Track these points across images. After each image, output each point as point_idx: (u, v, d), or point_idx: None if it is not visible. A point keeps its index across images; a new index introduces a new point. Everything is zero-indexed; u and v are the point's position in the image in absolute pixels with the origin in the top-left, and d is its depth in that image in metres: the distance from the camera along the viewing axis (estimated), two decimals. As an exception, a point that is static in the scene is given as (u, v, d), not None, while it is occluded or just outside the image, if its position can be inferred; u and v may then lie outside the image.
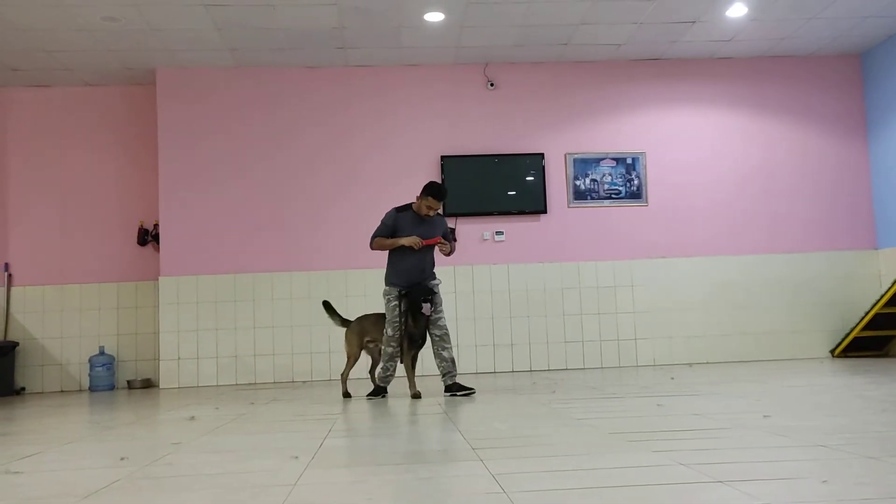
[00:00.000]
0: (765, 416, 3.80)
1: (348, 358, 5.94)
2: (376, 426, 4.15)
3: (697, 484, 2.37)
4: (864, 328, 7.86)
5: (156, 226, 8.17)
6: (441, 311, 5.67)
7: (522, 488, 2.39)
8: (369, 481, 2.64)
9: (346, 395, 5.92)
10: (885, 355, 8.17)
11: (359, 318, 6.00)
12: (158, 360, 7.92)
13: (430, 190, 5.67)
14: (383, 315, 5.78)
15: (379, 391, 5.75)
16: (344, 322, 6.05)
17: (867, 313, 7.76)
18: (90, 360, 7.91)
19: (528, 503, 2.17)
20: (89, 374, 7.90)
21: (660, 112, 8.49)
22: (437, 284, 5.78)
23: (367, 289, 8.00)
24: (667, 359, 8.18)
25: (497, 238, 8.20)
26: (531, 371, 7.99)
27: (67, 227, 8.28)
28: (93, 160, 8.37)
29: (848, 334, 8.02)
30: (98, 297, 8.19)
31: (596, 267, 8.25)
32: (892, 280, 7.84)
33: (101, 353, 7.96)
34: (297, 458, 3.11)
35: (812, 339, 8.29)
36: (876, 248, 8.47)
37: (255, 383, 7.82)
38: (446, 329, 5.65)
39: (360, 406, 5.21)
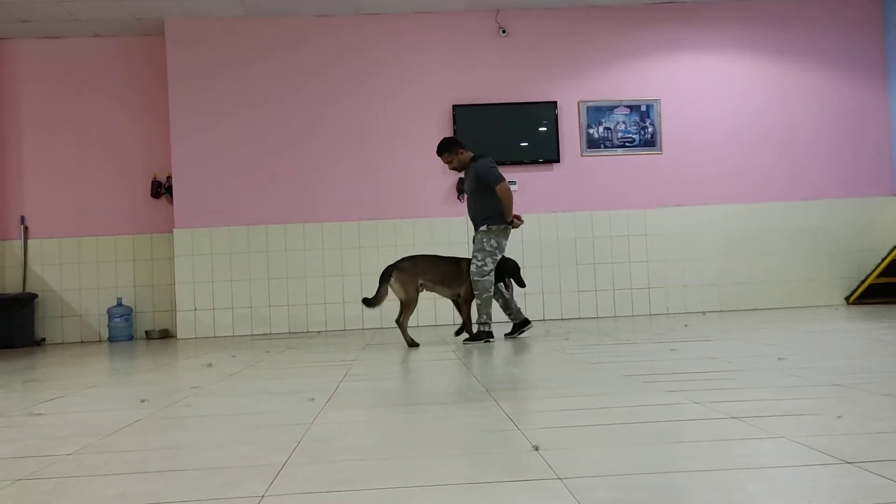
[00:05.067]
0: (779, 359, 3.80)
1: (406, 304, 5.46)
2: (391, 371, 4.19)
3: (712, 420, 2.38)
4: (881, 275, 7.83)
5: (169, 178, 8.18)
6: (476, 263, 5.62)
7: (536, 425, 2.42)
8: (384, 420, 2.68)
9: (413, 343, 5.44)
10: (901, 302, 8.14)
11: (409, 260, 5.59)
12: (175, 311, 8.00)
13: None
14: (437, 257, 5.77)
15: (524, 323, 5.77)
16: (382, 284, 5.46)
17: (883, 260, 7.71)
18: (108, 312, 8.01)
19: (540, 439, 2.19)
20: (108, 325, 8.01)
21: (675, 58, 8.36)
22: (482, 230, 5.68)
23: (379, 239, 8.03)
24: (680, 307, 8.18)
25: (510, 188, 8.14)
26: (544, 320, 8.02)
27: (81, 180, 8.31)
28: (105, 113, 8.36)
29: (863, 281, 7.98)
30: (114, 249, 8.25)
31: (609, 216, 8.21)
32: (909, 226, 7.77)
33: (119, 304, 8.05)
34: (313, 399, 3.15)
35: (827, 287, 8.26)
36: (894, 195, 8.37)
37: (271, 333, 7.90)
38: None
39: (381, 353, 5.25)
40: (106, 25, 8.08)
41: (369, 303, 5.56)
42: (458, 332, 5.85)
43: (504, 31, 8.25)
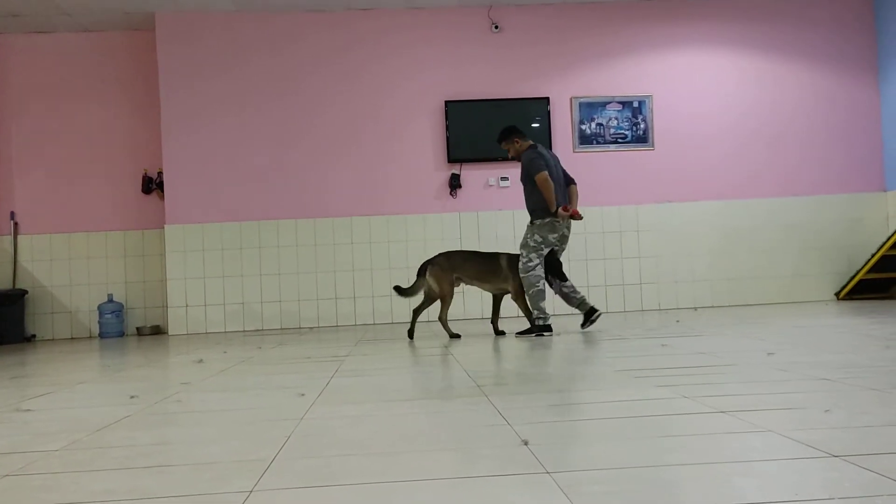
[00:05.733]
0: (769, 354, 3.81)
1: (443, 298, 5.60)
2: (382, 367, 4.19)
3: (701, 414, 2.39)
4: (870, 270, 7.86)
5: (160, 174, 8.15)
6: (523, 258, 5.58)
7: (526, 420, 2.42)
8: (375, 416, 2.67)
9: (454, 335, 5.60)
10: (891, 297, 8.18)
11: (445, 255, 5.71)
12: (167, 307, 7.98)
13: None
14: (474, 252, 5.77)
15: (592, 311, 5.60)
16: (419, 278, 5.69)
17: (873, 255, 7.75)
18: (99, 308, 7.98)
19: (530, 433, 2.19)
20: (99, 322, 7.98)
21: (667, 54, 8.37)
22: (528, 226, 5.66)
23: (371, 235, 8.02)
24: (672, 303, 8.20)
25: (502, 184, 8.16)
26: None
27: (72, 175, 8.27)
28: (95, 107, 8.32)
29: (853, 276, 8.01)
30: (105, 245, 8.22)
31: (601, 212, 8.22)
32: (899, 222, 7.80)
33: (110, 300, 8.02)
34: (303, 395, 3.15)
35: (818, 283, 8.29)
36: (885, 191, 8.40)
37: (263, 329, 7.89)
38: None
39: (373, 349, 5.25)
40: (96, 20, 8.04)
41: (402, 292, 5.79)
42: (519, 333, 5.58)
43: (496, 27, 8.25)
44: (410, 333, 5.77)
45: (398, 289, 5.86)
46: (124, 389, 3.68)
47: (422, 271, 5.68)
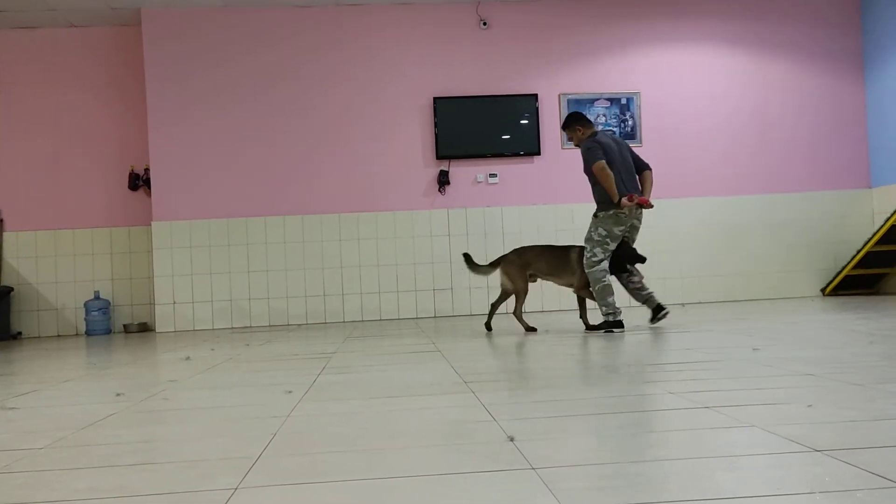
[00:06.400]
0: (755, 349, 3.84)
1: (517, 294, 5.56)
2: (370, 364, 4.19)
3: (686, 410, 2.40)
4: (856, 266, 7.91)
5: (146, 170, 8.11)
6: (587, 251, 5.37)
7: (512, 416, 2.43)
8: (362, 412, 2.67)
9: (530, 328, 5.57)
10: (876, 293, 8.24)
11: (518, 250, 5.66)
12: (154, 304, 7.95)
13: None
14: (547, 247, 5.65)
15: (660, 308, 5.42)
16: (490, 267, 5.69)
17: (859, 251, 7.80)
18: (86, 305, 7.94)
19: (516, 430, 2.20)
20: (85, 319, 7.94)
21: (655, 51, 8.39)
22: (593, 219, 5.42)
23: (360, 232, 8.01)
24: (660, 299, 8.21)
25: (491, 181, 8.16)
26: (524, 312, 8.02)
27: (58, 171, 8.21)
28: (81, 104, 8.27)
29: (839, 273, 8.07)
30: (91, 242, 8.17)
31: (590, 209, 8.20)
32: (884, 218, 7.85)
33: (97, 297, 7.98)
34: (290, 392, 3.14)
35: (804, 279, 8.35)
36: (870, 187, 8.46)
37: (251, 326, 7.87)
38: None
39: (361, 345, 5.25)
40: (81, 15, 7.98)
41: (470, 263, 5.78)
42: (590, 327, 5.43)
43: (485, 24, 8.24)
44: (488, 326, 5.76)
45: (467, 257, 5.82)
46: (110, 387, 3.66)
47: (495, 263, 5.67)
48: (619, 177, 5.29)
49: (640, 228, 5.54)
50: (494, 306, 5.81)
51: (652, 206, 5.40)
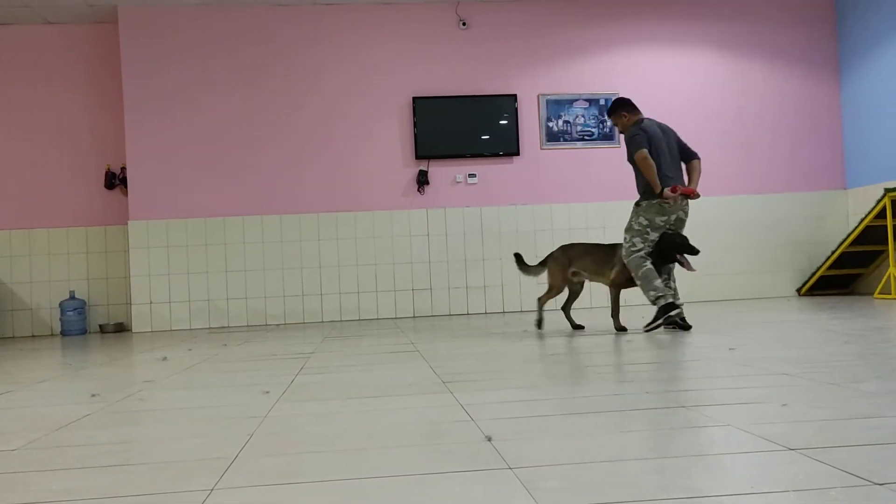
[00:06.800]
0: (731, 349, 3.87)
1: (550, 288, 5.48)
2: (348, 364, 4.18)
3: (662, 409, 2.42)
4: (831, 267, 8.01)
5: (123, 169, 8.03)
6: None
7: (490, 416, 2.43)
8: (340, 412, 2.67)
9: (539, 322, 5.50)
10: (851, 293, 8.35)
11: (563, 247, 5.52)
12: (130, 304, 7.88)
13: None
14: (592, 245, 5.47)
15: (670, 307, 4.94)
16: (540, 266, 5.57)
17: (834, 252, 7.90)
18: (61, 305, 7.85)
19: (493, 429, 2.21)
20: (60, 319, 7.85)
21: (632, 52, 8.44)
22: (633, 208, 5.22)
23: (339, 231, 7.99)
24: (638, 299, 8.24)
25: (470, 181, 8.17)
26: (504, 312, 8.07)
27: (33, 170, 8.11)
28: (57, 101, 8.17)
29: (814, 273, 8.16)
30: (67, 241, 8.08)
31: (568, 209, 8.27)
32: (859, 219, 7.95)
33: (72, 297, 7.89)
34: (268, 392, 3.13)
35: (780, 279, 8.44)
36: (845, 189, 8.57)
37: (229, 326, 7.82)
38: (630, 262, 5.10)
39: (340, 345, 5.23)
40: (57, 12, 7.89)
41: (521, 264, 5.65)
42: (646, 327, 5.09)
43: (464, 24, 8.25)
44: (574, 325, 5.55)
45: (518, 257, 5.69)
46: (86, 388, 3.62)
47: (544, 262, 5.56)
48: (663, 166, 5.08)
49: (686, 221, 5.25)
50: (566, 310, 5.64)
51: (699, 196, 5.16)
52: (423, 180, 8.07)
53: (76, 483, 1.87)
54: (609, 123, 8.32)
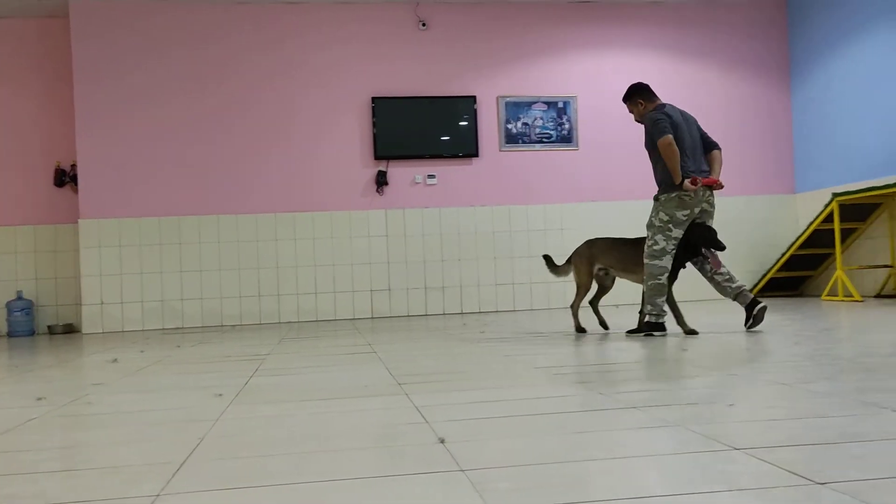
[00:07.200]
0: (683, 350, 3.93)
1: (578, 288, 5.21)
2: (304, 366, 4.15)
3: (614, 410, 2.45)
4: (781, 269, 8.19)
5: (73, 166, 7.87)
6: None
7: (444, 418, 2.43)
8: (294, 415, 2.65)
9: (580, 329, 5.18)
10: (800, 295, 8.54)
11: (587, 242, 5.27)
12: (80, 304, 7.71)
13: None
14: (618, 240, 5.17)
15: (755, 304, 4.76)
16: (567, 264, 5.32)
17: (784, 255, 8.08)
18: (8, 305, 7.65)
19: (446, 431, 2.21)
20: (7, 320, 7.65)
21: (590, 56, 8.53)
22: (654, 203, 4.94)
23: (296, 232, 7.93)
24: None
25: (429, 181, 8.18)
26: (462, 313, 8.08)
27: (-21, 167, 7.90)
28: (5, 96, 7.97)
29: (765, 275, 8.34)
30: (14, 240, 7.88)
31: (527, 211, 8.32)
32: (808, 223, 8.14)
33: (19, 297, 7.71)
34: (220, 395, 3.09)
35: (732, 281, 8.58)
36: (794, 193, 8.77)
37: (183, 327, 7.70)
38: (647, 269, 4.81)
39: (296, 347, 5.19)
40: (6, 6, 7.69)
41: (550, 265, 5.46)
42: (688, 331, 4.80)
43: (424, 25, 8.25)
44: (603, 325, 5.29)
45: (548, 259, 5.49)
46: (32, 391, 3.54)
47: (570, 259, 5.32)
48: (685, 156, 4.76)
49: (710, 213, 4.92)
50: (594, 304, 5.41)
51: (722, 187, 4.86)
52: (382, 181, 8.05)
53: (21, 489, 1.82)
54: (568, 126, 8.40)
